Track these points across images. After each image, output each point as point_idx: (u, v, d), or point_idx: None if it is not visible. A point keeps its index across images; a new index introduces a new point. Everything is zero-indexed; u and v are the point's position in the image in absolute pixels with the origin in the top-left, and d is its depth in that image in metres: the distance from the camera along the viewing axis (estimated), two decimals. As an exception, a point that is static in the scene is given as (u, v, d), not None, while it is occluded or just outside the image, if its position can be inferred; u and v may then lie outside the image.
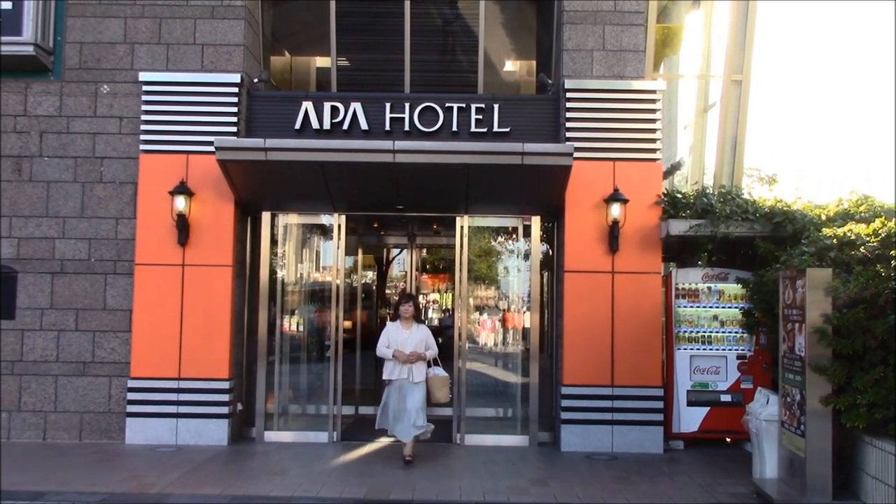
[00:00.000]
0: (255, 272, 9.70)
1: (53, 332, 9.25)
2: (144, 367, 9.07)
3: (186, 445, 8.96)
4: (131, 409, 9.07)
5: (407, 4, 9.93)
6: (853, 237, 7.40)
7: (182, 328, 9.11)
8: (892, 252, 6.80)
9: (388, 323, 8.66)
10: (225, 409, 9.08)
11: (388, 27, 10.16)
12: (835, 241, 7.50)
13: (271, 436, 9.44)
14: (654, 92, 9.37)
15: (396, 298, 8.67)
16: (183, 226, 9.11)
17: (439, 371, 8.56)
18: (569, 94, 9.31)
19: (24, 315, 9.25)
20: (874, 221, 7.54)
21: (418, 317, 8.69)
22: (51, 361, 9.22)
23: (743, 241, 9.21)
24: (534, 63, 11.09)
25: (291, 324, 10.08)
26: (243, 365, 9.60)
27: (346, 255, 10.25)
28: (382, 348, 8.41)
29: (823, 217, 8.72)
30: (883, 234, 7.20)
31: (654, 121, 9.31)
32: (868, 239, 7.28)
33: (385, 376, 8.42)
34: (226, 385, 9.09)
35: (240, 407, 9.46)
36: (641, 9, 9.51)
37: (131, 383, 9.07)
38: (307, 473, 7.88)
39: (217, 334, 9.14)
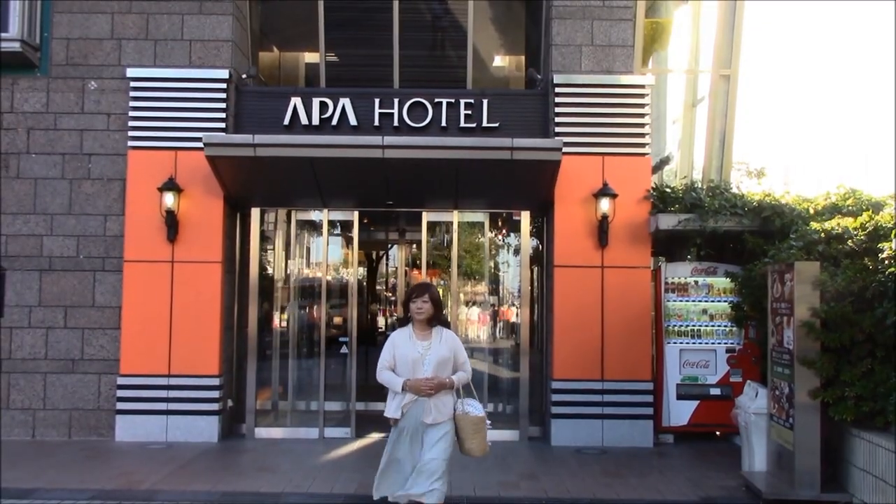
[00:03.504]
0: (245, 268, 9.68)
1: (42, 330, 9.21)
2: (134, 364, 9.04)
3: (177, 442, 8.93)
4: (121, 406, 9.04)
5: (395, 1, 9.92)
6: (841, 231, 7.45)
7: (172, 325, 9.08)
8: (880, 245, 6.84)
9: (394, 332, 5.73)
10: (215, 406, 9.06)
11: (377, 23, 10.13)
12: (822, 234, 7.54)
13: (262, 432, 9.43)
14: (642, 87, 9.38)
15: (406, 292, 5.90)
16: (172, 222, 9.08)
17: (472, 408, 5.56)
18: (558, 90, 9.32)
19: (11, 312, 9.19)
20: (861, 215, 7.58)
21: (440, 317, 5.70)
22: (39, 359, 9.18)
23: (731, 236, 9.25)
24: (523, 58, 11.10)
25: (281, 320, 10.07)
26: (233, 361, 9.58)
27: (336, 250, 10.24)
28: (385, 372, 5.52)
29: (811, 211, 8.76)
30: (870, 228, 7.25)
31: (642, 115, 9.33)
32: (856, 233, 7.32)
33: (389, 413, 5.53)
34: (216, 382, 9.06)
35: (230, 403, 9.45)
36: (630, 4, 9.52)
37: (121, 380, 9.04)
38: (298, 469, 7.88)
39: (207, 331, 9.11)
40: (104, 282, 9.25)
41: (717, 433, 9.44)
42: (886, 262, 6.58)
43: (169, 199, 9.03)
